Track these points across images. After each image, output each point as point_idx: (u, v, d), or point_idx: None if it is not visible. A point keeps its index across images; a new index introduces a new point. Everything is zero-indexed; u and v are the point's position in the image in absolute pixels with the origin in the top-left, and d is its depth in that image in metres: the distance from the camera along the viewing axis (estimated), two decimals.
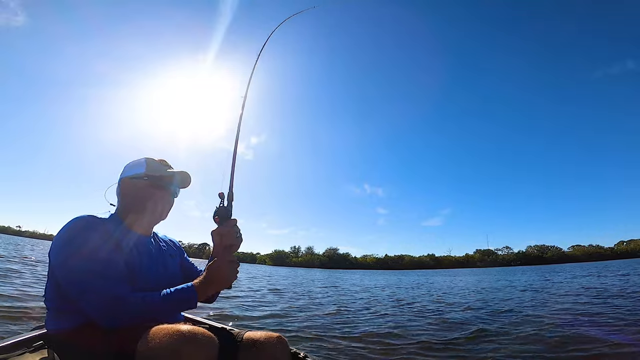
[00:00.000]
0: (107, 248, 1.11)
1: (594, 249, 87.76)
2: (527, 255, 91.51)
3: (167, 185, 1.31)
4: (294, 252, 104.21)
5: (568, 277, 14.48)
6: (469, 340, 3.58)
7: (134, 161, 1.33)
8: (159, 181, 1.29)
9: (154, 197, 1.27)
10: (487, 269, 55.73)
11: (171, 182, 1.33)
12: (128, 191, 1.28)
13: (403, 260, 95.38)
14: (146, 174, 1.28)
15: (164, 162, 1.35)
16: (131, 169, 1.31)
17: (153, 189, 1.28)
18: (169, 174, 1.33)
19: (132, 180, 1.28)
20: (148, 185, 1.27)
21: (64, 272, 1.07)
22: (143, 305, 1.06)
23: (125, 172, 1.31)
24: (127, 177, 1.29)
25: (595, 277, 13.16)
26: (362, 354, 3.09)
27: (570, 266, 37.55)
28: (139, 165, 1.31)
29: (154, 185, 1.28)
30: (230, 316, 4.64)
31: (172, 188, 1.33)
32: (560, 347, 3.15)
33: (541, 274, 20.23)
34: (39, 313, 3.44)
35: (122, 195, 1.30)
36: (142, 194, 1.27)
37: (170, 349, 0.87)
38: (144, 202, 1.27)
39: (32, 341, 1.45)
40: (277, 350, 1.22)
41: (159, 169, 1.31)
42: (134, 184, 1.28)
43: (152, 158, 1.34)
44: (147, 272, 1.21)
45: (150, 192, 1.27)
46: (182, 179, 1.36)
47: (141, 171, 1.29)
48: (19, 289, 4.85)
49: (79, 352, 1.05)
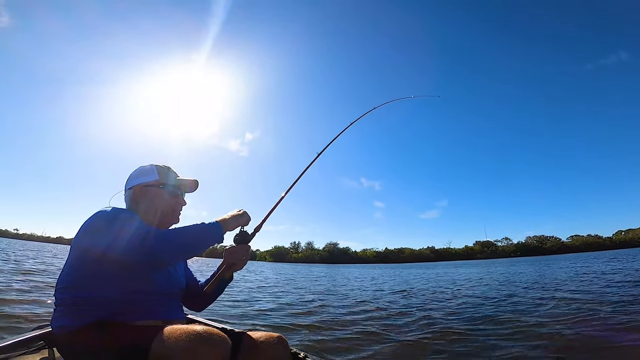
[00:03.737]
0: (136, 218, 1.16)
1: (593, 238, 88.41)
2: (527, 246, 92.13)
3: (179, 192, 1.38)
4: (294, 247, 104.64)
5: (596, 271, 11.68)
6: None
7: (143, 168, 1.37)
8: (173, 189, 1.35)
9: (169, 203, 1.33)
10: (490, 260, 54.28)
11: (182, 189, 1.40)
12: (142, 198, 1.30)
13: (403, 254, 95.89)
14: (160, 181, 1.33)
15: (171, 169, 1.40)
16: (142, 176, 1.34)
17: (169, 197, 1.33)
18: (180, 181, 1.39)
19: (146, 188, 1.31)
20: (162, 192, 1.32)
21: (99, 240, 1.08)
22: (176, 230, 1.15)
23: (137, 179, 1.33)
24: (139, 185, 1.31)
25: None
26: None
27: (585, 256, 35.17)
28: (150, 172, 1.35)
29: (168, 193, 1.33)
30: (230, 316, 4.67)
31: (182, 194, 1.41)
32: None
33: (567, 266, 16.49)
34: (39, 313, 3.45)
35: (134, 202, 1.31)
36: (157, 200, 1.30)
37: (186, 349, 0.88)
38: (158, 208, 1.30)
39: (32, 341, 1.45)
40: (278, 350, 1.23)
41: (170, 177, 1.37)
42: (149, 192, 1.31)
43: (159, 165, 1.39)
44: (160, 273, 1.24)
45: (165, 199, 1.32)
46: (191, 186, 1.43)
47: (154, 178, 1.33)
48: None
49: (86, 352, 1.04)
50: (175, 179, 1.38)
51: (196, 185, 1.44)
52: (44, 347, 1.45)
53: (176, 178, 1.39)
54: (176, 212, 1.36)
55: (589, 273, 10.85)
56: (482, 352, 2.99)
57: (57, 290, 1.14)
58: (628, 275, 9.02)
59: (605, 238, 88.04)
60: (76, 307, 1.09)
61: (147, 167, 1.36)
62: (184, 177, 1.41)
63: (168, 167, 1.40)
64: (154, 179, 1.33)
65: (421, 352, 3.07)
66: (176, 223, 1.37)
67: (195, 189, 1.45)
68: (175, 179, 1.38)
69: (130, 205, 1.31)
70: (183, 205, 1.40)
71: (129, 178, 1.35)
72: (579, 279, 9.20)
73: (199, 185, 1.44)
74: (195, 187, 1.44)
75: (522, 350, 2.93)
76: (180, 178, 1.40)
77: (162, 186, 1.33)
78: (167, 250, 1.07)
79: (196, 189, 1.45)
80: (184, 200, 1.40)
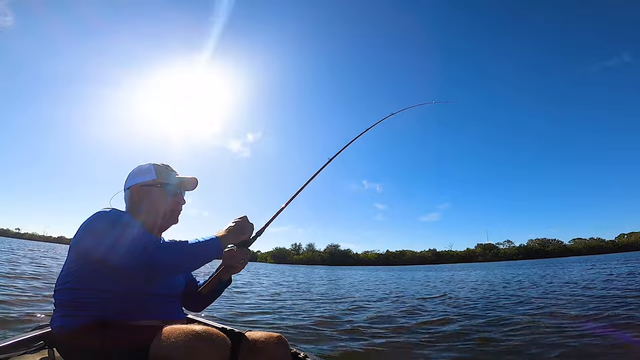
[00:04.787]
0: (136, 223, 1.15)
1: (595, 241, 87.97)
2: (529, 248, 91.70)
3: (178, 191, 1.34)
4: (295, 249, 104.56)
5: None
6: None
7: (140, 167, 1.33)
8: (172, 187, 1.32)
9: (167, 203, 1.29)
10: (492, 264, 53.28)
11: (180, 188, 1.36)
12: (140, 198, 1.28)
13: (405, 256, 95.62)
14: (158, 181, 1.29)
15: (169, 168, 1.37)
16: (140, 175, 1.31)
17: (166, 196, 1.30)
18: (179, 180, 1.35)
19: (144, 188, 1.28)
20: (161, 192, 1.29)
21: (98, 243, 1.06)
22: (175, 244, 1.14)
23: (134, 179, 1.30)
24: (137, 184, 1.29)
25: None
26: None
27: (594, 259, 33.12)
28: (147, 171, 1.31)
29: (166, 192, 1.30)
30: (230, 316, 4.65)
31: (182, 193, 1.37)
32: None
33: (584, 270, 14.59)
34: (39, 313, 3.45)
35: (132, 202, 1.29)
36: (155, 200, 1.27)
37: (186, 348, 0.88)
38: (157, 208, 1.28)
39: (32, 341, 1.45)
40: (278, 351, 1.22)
41: (168, 175, 1.33)
42: (146, 191, 1.28)
43: (157, 164, 1.35)
44: None
45: (163, 199, 1.29)
46: (190, 184, 1.38)
47: (152, 178, 1.29)
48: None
49: (86, 352, 1.04)
50: (174, 177, 1.34)
51: (195, 183, 1.39)
52: (43, 347, 1.45)
53: (175, 177, 1.35)
54: (175, 212, 1.33)
55: (615, 274, 10.37)
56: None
57: (57, 291, 1.13)
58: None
59: (608, 241, 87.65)
60: (75, 308, 1.08)
61: (145, 166, 1.33)
62: (183, 176, 1.38)
63: (167, 166, 1.36)
64: (152, 179, 1.29)
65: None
66: (175, 223, 1.35)
67: (195, 187, 1.41)
68: (174, 178, 1.34)
69: (129, 205, 1.30)
70: (182, 204, 1.37)
71: (128, 177, 1.33)
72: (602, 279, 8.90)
73: (198, 184, 1.40)
74: (195, 186, 1.40)
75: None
76: (180, 177, 1.36)
77: (160, 185, 1.29)
78: (164, 267, 1.07)
79: (195, 187, 1.40)
80: (184, 199, 1.37)
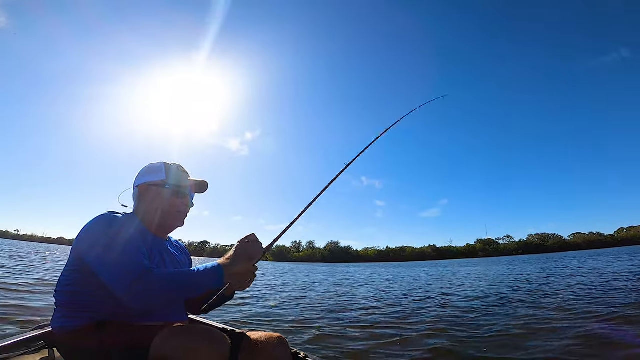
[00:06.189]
0: (133, 235, 1.10)
1: (595, 236, 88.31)
2: (528, 243, 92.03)
3: (186, 193, 1.30)
4: (295, 247, 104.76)
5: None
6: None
7: (152, 165, 1.29)
8: (180, 189, 1.27)
9: (172, 205, 1.25)
10: (494, 259, 52.74)
11: (190, 190, 1.32)
12: (146, 197, 1.25)
13: (405, 252, 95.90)
14: (166, 182, 1.25)
15: (182, 169, 1.32)
16: (149, 174, 1.27)
17: (173, 198, 1.25)
18: (189, 182, 1.31)
19: (152, 187, 1.25)
20: (168, 193, 1.25)
21: (90, 255, 1.04)
22: (169, 275, 1.01)
23: (144, 177, 1.27)
24: (145, 183, 1.26)
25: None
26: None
27: (595, 253, 33.60)
28: (158, 170, 1.27)
29: (174, 194, 1.25)
30: (230, 316, 4.66)
31: (190, 196, 1.32)
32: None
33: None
34: (39, 313, 3.45)
35: (139, 201, 1.27)
36: (161, 201, 1.24)
37: (186, 348, 0.88)
38: (163, 209, 1.24)
39: (32, 341, 1.45)
40: (278, 351, 1.21)
41: (178, 177, 1.28)
42: (154, 191, 1.25)
43: (169, 163, 1.30)
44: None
45: (170, 201, 1.25)
46: (201, 187, 1.35)
47: (161, 178, 1.26)
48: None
49: (86, 352, 1.04)
50: (185, 179, 1.30)
51: (205, 186, 1.36)
52: (44, 347, 1.45)
53: (187, 179, 1.30)
54: (181, 214, 1.29)
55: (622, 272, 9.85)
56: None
57: (57, 292, 1.13)
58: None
59: (607, 236, 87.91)
60: (76, 308, 1.08)
61: (156, 165, 1.29)
62: (194, 178, 1.33)
63: (178, 166, 1.31)
64: (160, 179, 1.25)
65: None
66: (181, 226, 1.32)
67: (205, 191, 1.37)
68: (184, 179, 1.29)
69: (136, 204, 1.28)
70: (190, 207, 1.32)
71: (138, 175, 1.30)
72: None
73: (208, 187, 1.36)
74: (204, 189, 1.37)
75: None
76: (191, 179, 1.32)
77: (168, 186, 1.25)
78: (155, 300, 1.00)
79: (205, 190, 1.37)
80: (191, 202, 1.33)
